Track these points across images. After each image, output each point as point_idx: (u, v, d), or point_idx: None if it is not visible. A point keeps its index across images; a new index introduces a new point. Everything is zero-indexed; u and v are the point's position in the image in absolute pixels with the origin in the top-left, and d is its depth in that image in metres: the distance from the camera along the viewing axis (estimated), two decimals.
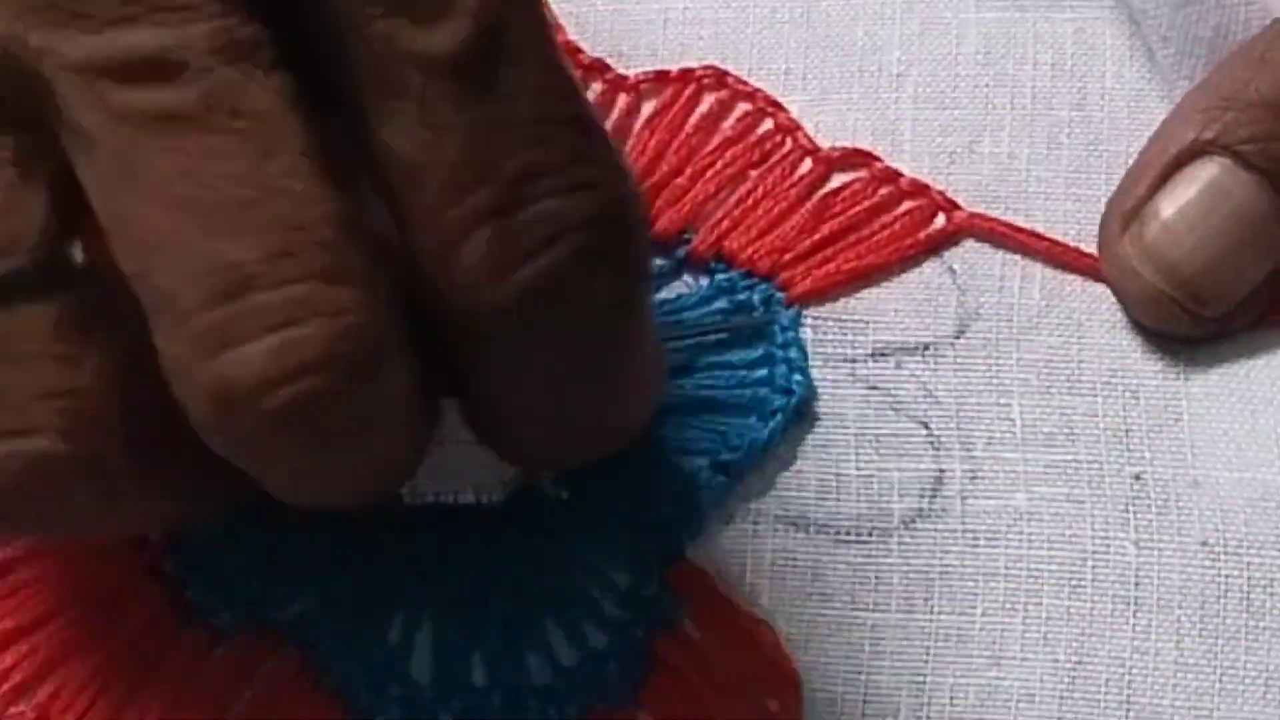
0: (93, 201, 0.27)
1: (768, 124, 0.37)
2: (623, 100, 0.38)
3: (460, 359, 0.29)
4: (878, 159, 0.37)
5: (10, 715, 0.33)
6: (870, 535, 0.34)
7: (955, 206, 0.37)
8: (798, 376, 0.35)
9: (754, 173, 0.37)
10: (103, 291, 0.28)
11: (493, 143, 0.27)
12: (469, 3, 0.27)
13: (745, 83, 0.38)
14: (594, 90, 0.38)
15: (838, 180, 0.37)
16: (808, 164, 0.37)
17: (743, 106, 0.38)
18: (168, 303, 0.27)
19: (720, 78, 0.38)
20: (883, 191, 0.37)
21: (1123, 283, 0.36)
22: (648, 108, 0.38)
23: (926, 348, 0.36)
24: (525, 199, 0.27)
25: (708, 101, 0.38)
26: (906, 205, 0.37)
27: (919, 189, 0.37)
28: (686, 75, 0.38)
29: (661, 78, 0.38)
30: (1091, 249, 0.36)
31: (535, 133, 0.27)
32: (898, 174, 0.37)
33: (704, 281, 0.36)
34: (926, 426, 0.35)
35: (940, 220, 0.36)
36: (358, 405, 0.27)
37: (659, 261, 0.36)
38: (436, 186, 0.27)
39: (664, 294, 0.36)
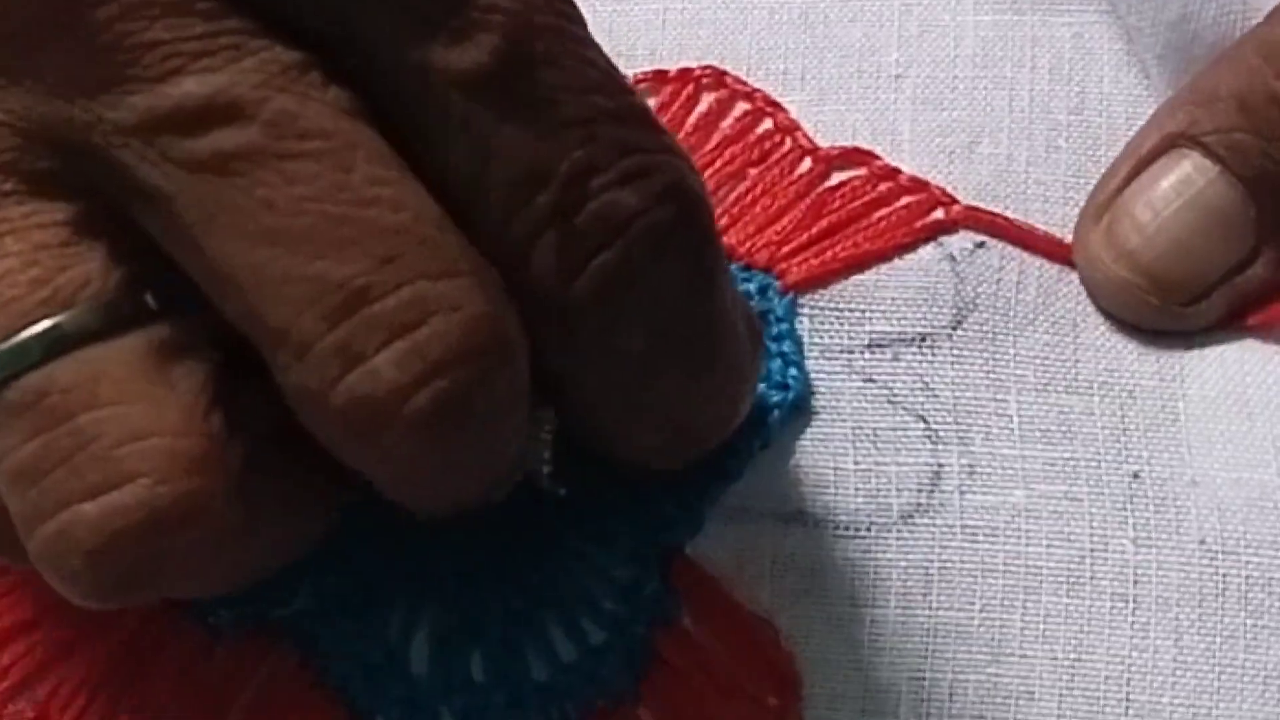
0: (178, 257, 0.26)
1: (767, 123, 0.36)
2: None
3: (553, 364, 0.28)
4: (877, 157, 0.36)
5: (9, 713, 0.31)
6: (869, 530, 0.33)
7: (954, 201, 0.35)
8: (793, 371, 0.34)
9: (753, 171, 0.36)
10: (182, 328, 0.27)
11: (542, 149, 0.26)
12: (495, 17, 0.26)
13: (744, 82, 0.37)
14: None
15: (837, 178, 0.36)
16: (807, 163, 0.36)
17: (742, 106, 0.37)
18: (282, 337, 0.26)
19: (719, 77, 0.37)
20: (882, 187, 0.35)
21: (1088, 271, 0.35)
22: None
23: (923, 339, 0.34)
24: (583, 198, 0.26)
25: (706, 101, 0.37)
26: (905, 199, 0.35)
27: (918, 184, 0.35)
28: (685, 75, 0.37)
29: (660, 77, 0.37)
30: None
31: (581, 132, 0.27)
32: (896, 171, 0.35)
33: None
34: (924, 420, 0.34)
35: (939, 213, 0.35)
36: (495, 393, 0.26)
37: None
38: (495, 201, 0.26)
39: None
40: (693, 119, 0.37)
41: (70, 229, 0.27)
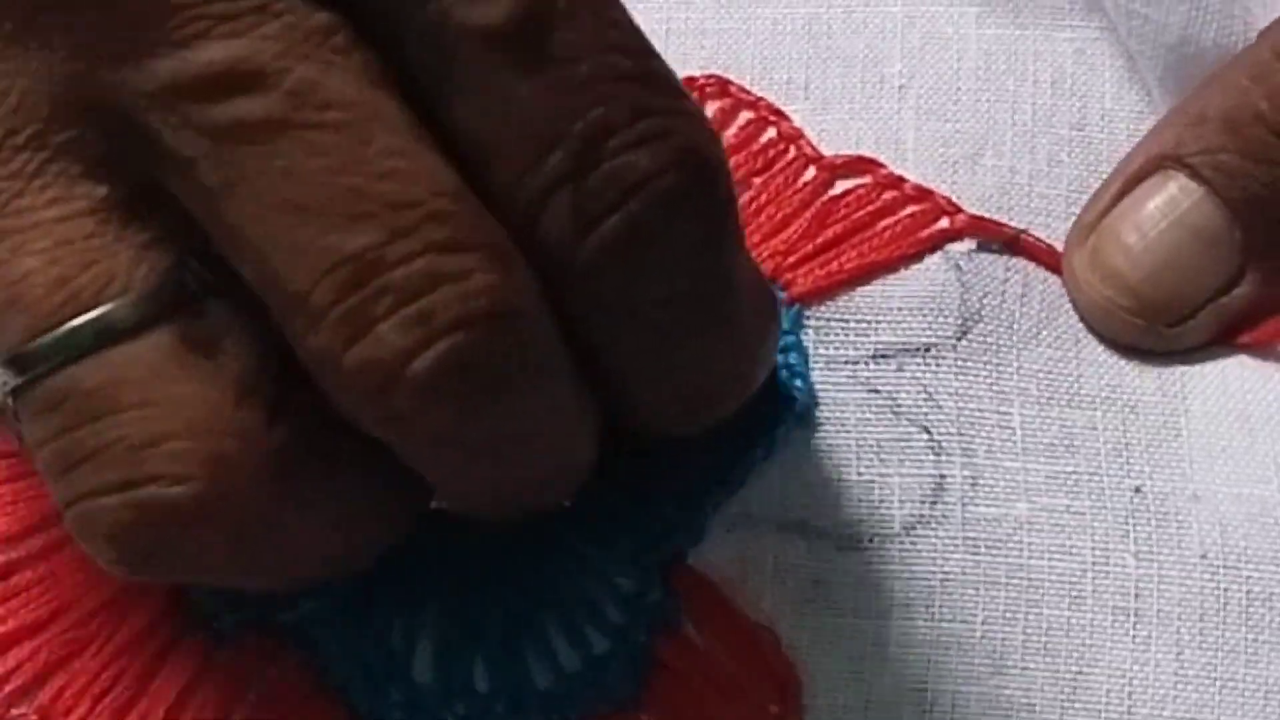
0: (200, 220, 0.26)
1: (771, 132, 0.35)
2: None
3: (573, 328, 0.27)
4: (881, 165, 0.35)
5: (12, 717, 0.31)
6: (871, 541, 0.32)
7: (959, 210, 0.34)
8: (798, 382, 0.33)
9: (757, 180, 0.35)
10: (225, 310, 0.26)
11: (559, 107, 0.26)
12: None
13: (748, 91, 0.36)
14: None
15: (841, 186, 0.35)
16: (811, 171, 0.35)
17: (745, 115, 0.36)
18: (298, 305, 0.25)
19: (723, 86, 0.36)
20: (886, 196, 0.35)
21: (1075, 292, 0.34)
22: None
23: (928, 349, 0.34)
24: (598, 158, 0.26)
25: (710, 110, 0.36)
26: (910, 208, 0.35)
27: (923, 193, 0.35)
28: (689, 84, 0.36)
29: None
30: None
31: (599, 92, 0.26)
32: (901, 179, 0.35)
33: None
34: (927, 431, 0.33)
35: (943, 222, 0.34)
36: (501, 360, 0.25)
37: None
38: (509, 159, 0.26)
39: None
40: None
41: (96, 218, 0.26)
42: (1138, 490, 0.32)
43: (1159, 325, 0.34)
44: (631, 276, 0.26)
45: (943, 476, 0.33)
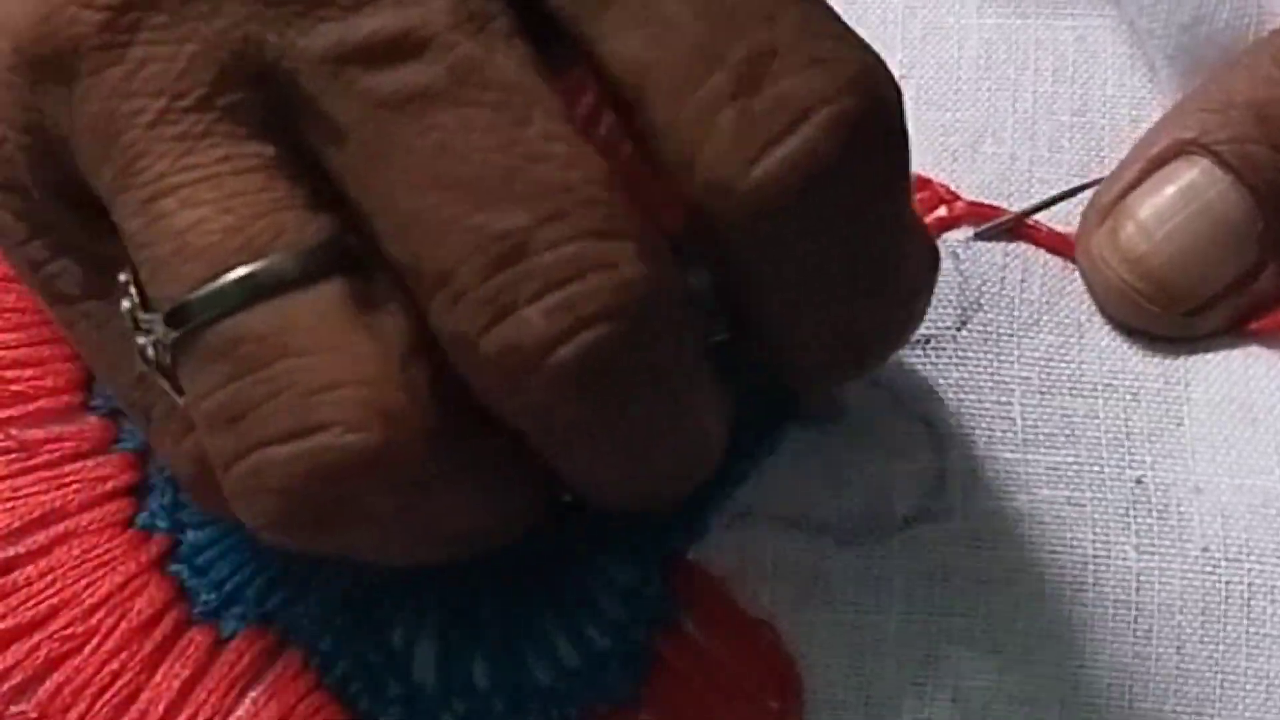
0: (349, 191, 0.25)
1: None
2: None
3: (728, 284, 0.26)
4: None
5: (11, 714, 0.30)
6: (872, 534, 0.31)
7: (957, 198, 0.34)
8: None
9: None
10: (384, 276, 0.25)
11: (720, 27, 0.24)
12: None
13: None
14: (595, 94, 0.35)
15: None
16: None
17: None
18: (441, 281, 0.24)
19: None
20: None
21: (1092, 274, 0.33)
22: None
23: (928, 341, 0.33)
24: (762, 80, 0.24)
25: None
26: None
27: (921, 183, 0.34)
28: None
29: None
30: None
31: (763, 12, 0.24)
32: None
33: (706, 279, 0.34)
34: (928, 423, 0.32)
35: (942, 211, 0.34)
36: (644, 355, 0.25)
37: None
38: (670, 81, 0.25)
39: None
40: None
41: (266, 174, 0.26)
42: (1139, 481, 0.32)
43: (1175, 311, 0.33)
44: (802, 214, 0.25)
45: (943, 469, 0.32)
